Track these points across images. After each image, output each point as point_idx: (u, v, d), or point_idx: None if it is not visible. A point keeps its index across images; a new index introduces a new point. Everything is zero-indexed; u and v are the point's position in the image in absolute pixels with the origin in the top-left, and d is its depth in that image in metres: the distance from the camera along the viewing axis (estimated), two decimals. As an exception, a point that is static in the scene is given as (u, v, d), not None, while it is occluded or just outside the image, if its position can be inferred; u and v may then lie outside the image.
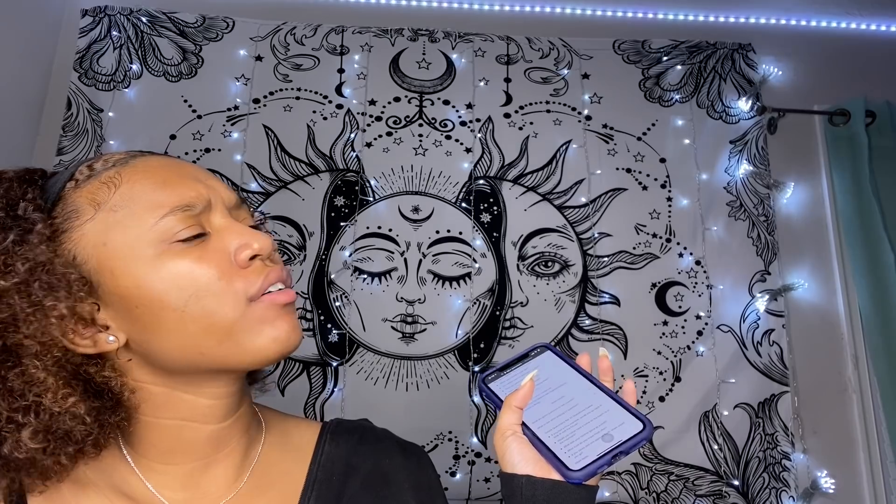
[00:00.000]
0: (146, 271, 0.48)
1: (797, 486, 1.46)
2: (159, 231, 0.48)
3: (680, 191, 1.63)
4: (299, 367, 1.45)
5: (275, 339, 0.50)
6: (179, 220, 0.49)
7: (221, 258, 0.50)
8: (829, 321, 1.60)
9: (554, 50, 1.71)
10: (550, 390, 0.58)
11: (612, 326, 1.53)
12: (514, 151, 1.63)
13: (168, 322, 0.48)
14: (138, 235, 0.48)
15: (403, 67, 1.66)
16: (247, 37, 1.64)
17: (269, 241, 0.52)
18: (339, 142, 1.59)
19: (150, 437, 0.53)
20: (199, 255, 0.49)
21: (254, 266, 0.51)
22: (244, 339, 0.50)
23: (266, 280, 0.51)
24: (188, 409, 0.52)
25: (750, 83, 1.71)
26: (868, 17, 1.83)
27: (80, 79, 1.55)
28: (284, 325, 0.51)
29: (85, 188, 0.51)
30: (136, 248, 0.48)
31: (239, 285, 0.50)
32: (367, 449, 0.63)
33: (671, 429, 1.48)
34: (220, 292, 0.49)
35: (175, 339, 0.49)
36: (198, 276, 0.48)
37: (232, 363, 0.51)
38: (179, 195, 0.50)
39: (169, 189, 0.50)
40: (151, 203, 0.49)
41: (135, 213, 0.49)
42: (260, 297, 0.50)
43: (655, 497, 1.44)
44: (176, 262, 0.48)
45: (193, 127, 1.57)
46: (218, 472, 0.55)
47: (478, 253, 1.55)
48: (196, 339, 0.49)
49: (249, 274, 0.51)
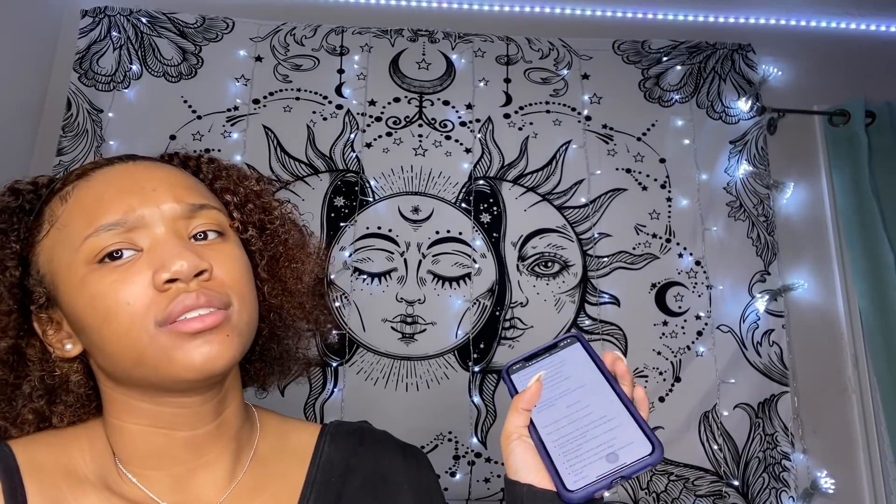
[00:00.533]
0: (73, 291, 0.50)
1: (797, 487, 1.46)
2: (85, 251, 0.49)
3: (680, 191, 1.63)
4: (299, 368, 1.45)
5: (186, 367, 0.48)
6: (105, 238, 0.49)
7: (142, 280, 0.48)
8: (829, 321, 1.60)
9: (554, 50, 1.71)
10: (568, 392, 0.54)
11: (611, 327, 1.53)
12: (513, 152, 1.63)
13: (92, 340, 0.50)
14: (71, 255, 0.50)
15: (403, 68, 1.66)
16: (247, 37, 1.64)
17: (190, 261, 0.48)
18: (339, 142, 1.59)
19: (125, 441, 0.53)
20: (120, 276, 0.48)
21: (171, 290, 0.48)
22: (157, 363, 0.48)
23: (174, 307, 0.48)
24: (151, 416, 0.53)
25: (750, 83, 1.71)
26: (868, 17, 1.83)
27: (79, 79, 1.55)
28: (195, 351, 0.48)
29: (51, 203, 0.53)
30: (71, 267, 0.50)
31: (150, 310, 0.48)
32: (367, 451, 0.63)
33: (671, 429, 1.48)
34: (129, 316, 0.47)
35: (101, 355, 0.51)
36: (111, 300, 0.48)
37: (153, 384, 0.50)
38: (107, 213, 0.49)
39: (100, 207, 0.50)
40: (83, 222, 0.50)
41: (71, 233, 0.50)
42: (170, 323, 0.48)
43: (655, 497, 1.44)
44: (96, 283, 0.48)
45: (193, 127, 1.57)
46: (206, 477, 0.55)
47: (477, 253, 1.55)
48: (114, 358, 0.49)
49: (161, 298, 0.48)
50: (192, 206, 0.53)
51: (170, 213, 0.51)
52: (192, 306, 0.48)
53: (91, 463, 0.52)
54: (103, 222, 0.49)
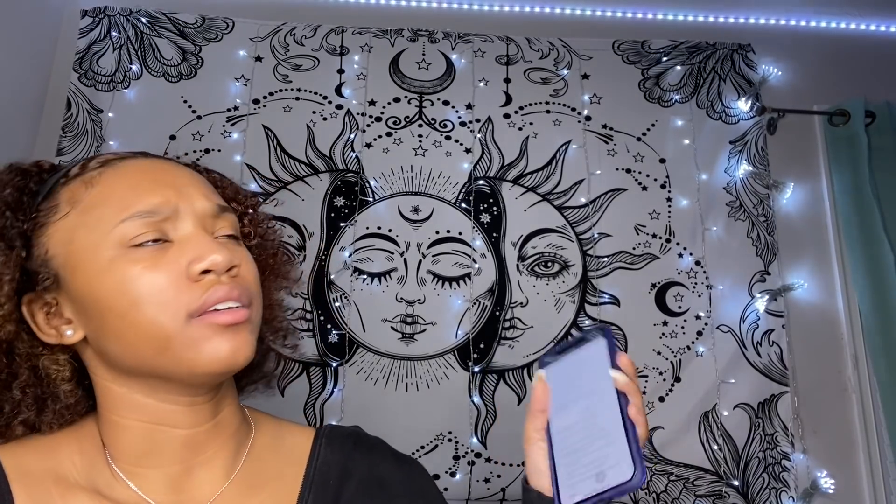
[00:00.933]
0: (98, 274, 0.49)
1: (797, 487, 1.46)
2: (118, 235, 0.49)
3: (680, 191, 1.63)
4: (299, 368, 1.45)
5: (211, 358, 0.49)
6: (139, 226, 0.49)
7: (174, 269, 0.49)
8: (829, 321, 1.60)
9: (554, 50, 1.71)
10: (584, 395, 0.52)
11: (611, 327, 1.53)
12: (513, 152, 1.63)
13: (111, 326, 0.49)
14: (100, 238, 0.49)
15: (403, 68, 1.66)
16: (246, 37, 1.64)
17: (225, 255, 0.50)
18: (339, 142, 1.59)
19: (122, 438, 0.53)
20: (152, 263, 0.49)
21: (204, 281, 0.50)
22: (182, 353, 0.49)
23: (210, 297, 0.49)
24: (151, 412, 0.52)
25: (749, 83, 1.71)
26: (868, 17, 1.83)
27: (79, 79, 1.55)
28: (224, 344, 0.49)
29: (69, 185, 0.53)
30: (96, 250, 0.49)
31: (182, 298, 0.49)
32: (362, 455, 0.63)
33: (671, 429, 1.48)
34: (160, 303, 0.48)
35: (120, 343, 0.50)
36: (142, 285, 0.48)
37: (171, 375, 0.50)
38: (143, 200, 0.50)
39: (135, 194, 0.51)
40: (116, 207, 0.50)
41: (101, 216, 0.50)
42: (201, 314, 0.49)
43: (655, 497, 1.44)
44: (127, 267, 0.49)
45: (193, 127, 1.57)
46: (202, 476, 0.54)
47: (477, 253, 1.55)
48: (135, 346, 0.49)
49: (195, 289, 0.49)
50: (219, 207, 0.55)
51: (201, 210, 0.53)
52: (225, 298, 0.50)
53: (81, 466, 0.52)
54: (139, 209, 0.50)
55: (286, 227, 1.53)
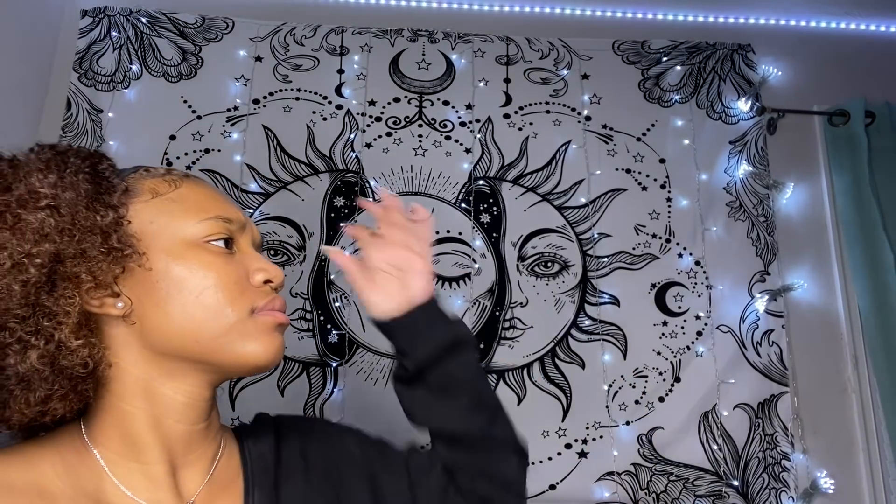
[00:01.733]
0: (179, 253, 0.54)
1: (797, 487, 1.46)
2: (200, 229, 0.56)
3: (679, 191, 1.63)
4: (299, 368, 1.45)
5: (260, 352, 0.56)
6: (217, 226, 0.57)
7: (241, 272, 0.57)
8: (829, 321, 1.60)
9: (553, 50, 1.71)
10: None
11: (611, 327, 1.53)
12: (513, 152, 1.63)
13: (180, 302, 0.53)
14: (180, 227, 0.55)
15: (403, 68, 1.66)
16: (246, 37, 1.64)
17: (282, 276, 0.60)
18: (339, 142, 1.59)
19: (124, 428, 0.53)
20: (226, 260, 0.56)
21: (264, 289, 0.58)
22: (235, 341, 0.55)
23: (272, 303, 0.58)
24: (163, 404, 0.54)
25: (749, 83, 1.71)
26: (868, 17, 1.83)
27: (79, 79, 1.55)
28: (274, 342, 0.57)
29: (148, 180, 0.58)
30: (177, 234, 0.55)
31: (248, 296, 0.56)
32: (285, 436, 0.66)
33: (671, 429, 1.48)
34: (232, 293, 0.55)
35: (179, 320, 0.53)
36: (220, 273, 0.55)
37: (216, 360, 0.55)
38: (224, 210, 0.59)
39: (216, 203, 0.59)
40: (199, 207, 0.57)
41: (184, 210, 0.56)
42: (261, 313, 0.57)
43: (655, 497, 1.44)
44: (206, 255, 0.55)
45: (193, 127, 1.57)
46: (186, 475, 0.56)
47: (477, 253, 1.55)
48: (198, 325, 0.53)
49: (259, 293, 0.57)
50: (262, 239, 0.66)
51: (258, 236, 0.63)
52: (280, 308, 0.59)
53: (64, 476, 0.51)
54: (222, 214, 0.58)
55: (286, 226, 1.53)
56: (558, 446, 1.46)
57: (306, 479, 0.62)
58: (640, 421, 1.48)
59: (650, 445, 1.47)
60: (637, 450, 1.47)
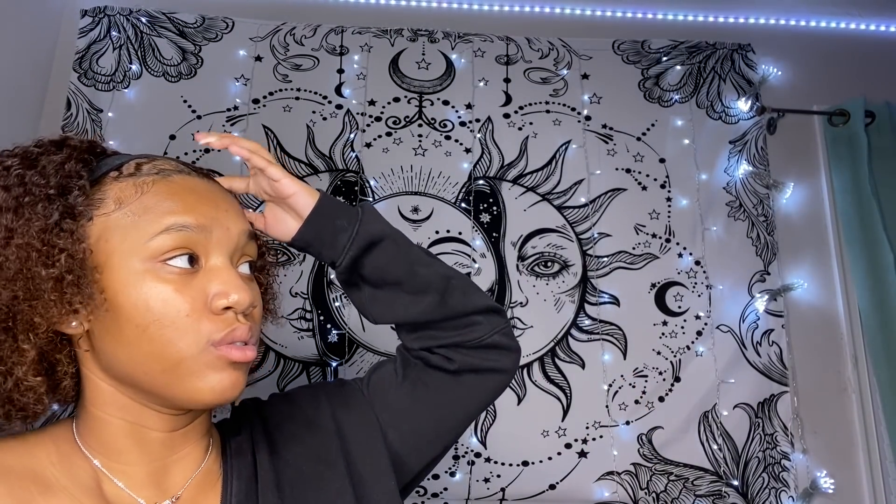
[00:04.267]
0: (128, 282, 0.50)
1: (797, 486, 1.46)
2: (152, 247, 0.50)
3: (679, 191, 1.63)
4: (299, 368, 1.45)
5: (212, 388, 0.51)
6: (173, 240, 0.51)
7: (198, 297, 0.51)
8: (829, 321, 1.60)
9: (553, 50, 1.71)
10: None
11: (611, 326, 1.53)
12: (513, 152, 1.63)
13: (127, 333, 0.50)
14: (134, 246, 0.51)
15: (403, 68, 1.66)
16: (246, 37, 1.64)
17: (248, 296, 0.52)
18: (339, 142, 1.59)
19: (103, 434, 0.54)
20: (180, 286, 0.51)
21: (225, 316, 0.52)
22: (184, 377, 0.51)
23: (231, 334, 0.52)
24: (134, 413, 0.54)
25: (749, 83, 1.71)
26: (868, 17, 1.83)
27: (79, 79, 1.55)
28: (225, 381, 0.52)
29: (120, 184, 0.53)
30: (129, 257, 0.51)
31: (205, 327, 0.51)
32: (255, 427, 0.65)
33: (671, 429, 1.48)
34: (183, 328, 0.50)
35: (128, 350, 0.50)
36: (169, 306, 0.50)
37: (166, 394, 0.52)
38: (184, 214, 0.52)
39: (177, 207, 0.52)
40: (157, 218, 0.51)
41: (139, 224, 0.51)
42: (219, 345, 0.51)
43: (655, 497, 1.44)
44: (156, 284, 0.50)
45: (193, 127, 1.57)
46: (177, 471, 0.56)
47: (477, 253, 1.55)
48: (145, 358, 0.50)
49: (218, 321, 0.52)
50: (249, 232, 0.58)
51: (236, 236, 0.56)
52: (242, 338, 0.53)
53: (60, 466, 0.52)
54: (178, 221, 0.51)
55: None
56: (558, 446, 1.46)
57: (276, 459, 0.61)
58: (640, 421, 1.48)
59: (650, 445, 1.47)
60: (637, 449, 1.47)
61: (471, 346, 0.67)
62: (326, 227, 0.64)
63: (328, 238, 0.64)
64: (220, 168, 1.53)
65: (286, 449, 0.62)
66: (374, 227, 0.65)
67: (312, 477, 0.60)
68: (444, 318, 0.67)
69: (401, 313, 0.67)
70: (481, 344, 0.67)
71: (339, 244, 0.64)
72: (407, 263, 0.66)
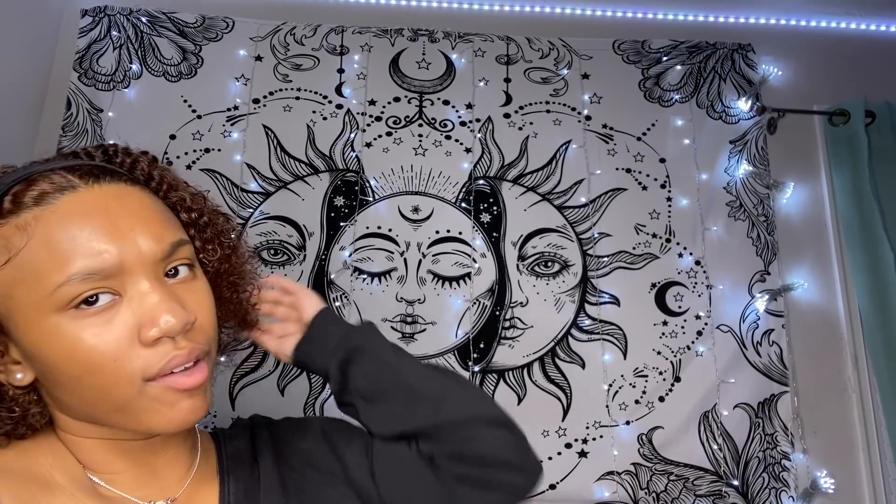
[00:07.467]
0: (45, 337, 0.46)
1: (797, 486, 1.46)
2: (59, 298, 0.45)
3: (680, 191, 1.63)
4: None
5: (169, 421, 0.49)
6: (80, 286, 0.45)
7: (124, 333, 0.46)
8: (829, 321, 1.60)
9: (554, 50, 1.71)
10: None
11: (611, 326, 1.53)
12: (513, 151, 1.63)
13: (65, 383, 0.48)
14: (40, 298, 0.45)
15: (403, 67, 1.66)
16: (246, 37, 1.64)
17: (180, 317, 0.47)
18: (339, 142, 1.59)
19: (85, 451, 0.53)
20: (102, 327, 0.46)
21: (159, 348, 0.47)
22: (139, 413, 0.48)
23: (168, 364, 0.47)
24: (107, 431, 0.52)
25: (750, 83, 1.71)
26: (868, 17, 1.83)
27: (79, 79, 1.55)
28: (182, 410, 0.49)
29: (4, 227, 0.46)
30: (39, 311, 0.46)
31: (136, 365, 0.46)
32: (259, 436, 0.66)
33: (671, 429, 1.48)
34: (114, 373, 0.46)
35: (73, 397, 0.49)
36: (95, 353, 0.45)
37: (125, 428, 0.50)
38: (82, 259, 0.45)
39: (73, 252, 0.45)
40: (54, 266, 0.45)
41: (39, 275, 0.45)
42: (160, 377, 0.47)
43: (655, 497, 1.44)
44: (74, 333, 0.45)
45: (193, 127, 1.57)
46: (168, 473, 0.56)
47: (477, 253, 1.55)
48: (93, 403, 0.48)
49: (151, 355, 0.47)
50: (170, 246, 0.50)
51: (150, 256, 0.48)
52: (183, 363, 0.48)
53: (57, 467, 0.52)
54: (78, 270, 0.45)
55: (286, 226, 1.53)
56: (558, 446, 1.46)
57: (280, 471, 0.62)
58: (640, 420, 1.48)
59: (650, 445, 1.47)
60: (637, 449, 1.47)
61: (471, 458, 0.63)
62: (320, 334, 0.71)
63: (320, 344, 0.71)
64: (220, 169, 1.54)
65: (293, 458, 0.63)
66: (362, 337, 0.70)
67: (318, 483, 0.61)
68: (440, 429, 0.64)
69: (397, 425, 0.66)
70: (483, 458, 0.63)
71: (327, 348, 0.70)
72: (394, 373, 0.67)
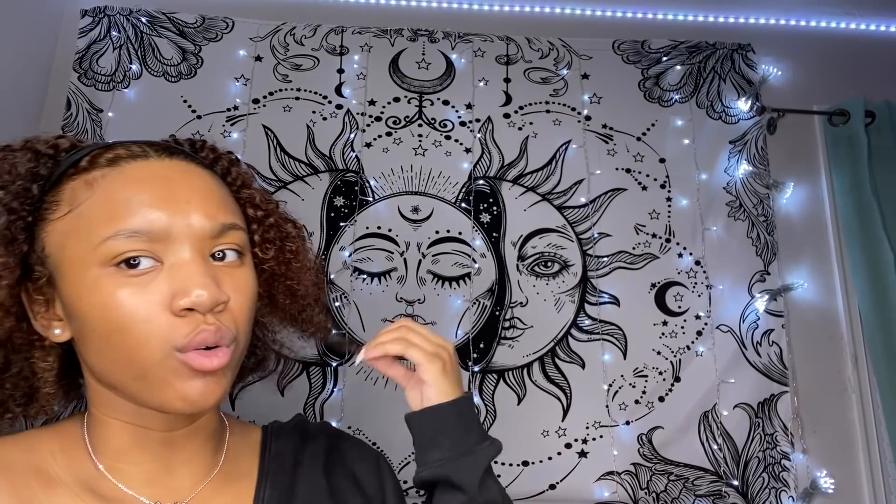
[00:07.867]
0: (84, 290, 0.47)
1: (797, 486, 1.46)
2: (104, 252, 0.47)
3: (679, 191, 1.63)
4: (299, 368, 1.45)
5: (182, 397, 0.49)
6: (126, 244, 0.47)
7: (157, 299, 0.47)
8: (829, 321, 1.60)
9: (553, 50, 1.71)
10: None
11: (611, 326, 1.53)
12: (513, 151, 1.63)
13: (95, 342, 0.49)
14: (87, 252, 0.47)
15: (403, 67, 1.66)
16: (246, 37, 1.64)
17: (212, 292, 0.48)
18: (339, 142, 1.59)
19: (105, 434, 0.54)
20: (138, 288, 0.47)
21: (189, 318, 0.48)
22: (155, 384, 0.48)
23: (193, 339, 0.48)
24: (131, 414, 0.53)
25: (749, 83, 1.71)
26: (868, 17, 1.83)
27: (79, 79, 1.55)
28: (195, 389, 0.49)
29: (75, 181, 0.50)
30: (83, 264, 0.47)
31: (164, 331, 0.47)
32: (311, 442, 0.66)
33: (671, 429, 1.48)
34: (143, 335, 0.47)
35: (100, 359, 0.50)
36: (126, 312, 0.47)
37: (140, 400, 0.50)
38: (133, 218, 0.48)
39: (127, 210, 0.48)
40: (106, 220, 0.48)
41: (91, 228, 0.48)
42: (183, 352, 0.48)
43: (655, 497, 1.44)
44: (111, 291, 0.47)
45: (193, 127, 1.57)
46: (184, 473, 0.56)
47: (477, 253, 1.55)
48: (115, 366, 0.49)
49: (179, 324, 0.48)
50: (221, 226, 0.52)
51: (199, 231, 0.50)
52: (208, 342, 0.48)
53: (62, 462, 0.52)
54: (126, 227, 0.47)
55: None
56: (558, 446, 1.46)
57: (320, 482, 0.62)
58: (640, 421, 1.48)
59: (650, 445, 1.47)
60: (637, 449, 1.47)
61: None
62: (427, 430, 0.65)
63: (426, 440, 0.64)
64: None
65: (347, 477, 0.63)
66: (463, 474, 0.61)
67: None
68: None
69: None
70: None
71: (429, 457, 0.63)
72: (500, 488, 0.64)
